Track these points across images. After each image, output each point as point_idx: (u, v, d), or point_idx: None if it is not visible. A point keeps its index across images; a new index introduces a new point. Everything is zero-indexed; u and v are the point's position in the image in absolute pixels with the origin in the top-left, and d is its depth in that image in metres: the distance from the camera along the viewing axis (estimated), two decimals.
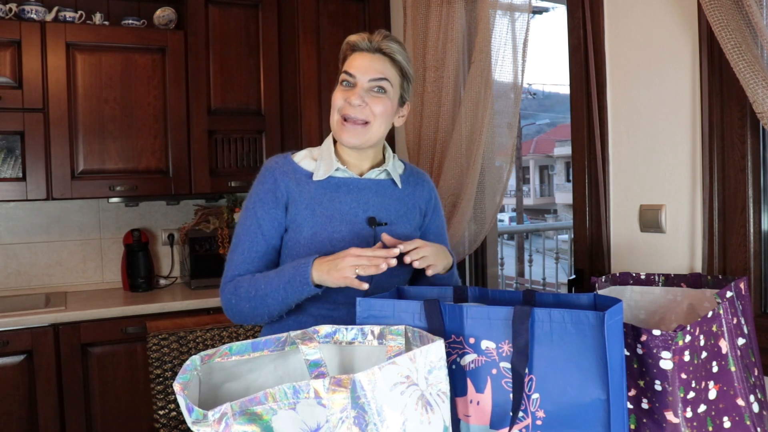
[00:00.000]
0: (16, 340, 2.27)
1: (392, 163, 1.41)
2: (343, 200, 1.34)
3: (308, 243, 1.31)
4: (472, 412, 0.95)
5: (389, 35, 1.34)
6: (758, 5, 1.21)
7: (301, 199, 1.33)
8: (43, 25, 2.48)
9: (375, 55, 1.32)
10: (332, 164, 1.34)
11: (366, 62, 1.31)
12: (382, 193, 1.38)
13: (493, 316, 0.93)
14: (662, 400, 0.93)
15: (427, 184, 1.48)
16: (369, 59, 1.32)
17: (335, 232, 1.31)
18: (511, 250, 12.55)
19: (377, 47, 1.32)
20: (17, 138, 2.49)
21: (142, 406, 2.45)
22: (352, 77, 1.31)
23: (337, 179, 1.35)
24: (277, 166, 1.37)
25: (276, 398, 0.75)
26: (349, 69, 1.32)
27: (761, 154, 1.39)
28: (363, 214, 1.34)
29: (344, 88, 1.33)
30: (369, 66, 1.31)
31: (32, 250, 2.80)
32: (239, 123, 2.78)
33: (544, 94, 26.68)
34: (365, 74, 1.31)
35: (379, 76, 1.31)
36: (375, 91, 1.31)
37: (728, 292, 1.02)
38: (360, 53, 1.33)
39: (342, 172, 1.36)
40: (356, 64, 1.32)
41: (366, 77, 1.31)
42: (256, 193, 1.35)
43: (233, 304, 1.30)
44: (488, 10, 2.06)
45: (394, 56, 1.34)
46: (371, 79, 1.31)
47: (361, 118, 1.30)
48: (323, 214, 1.33)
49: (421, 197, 1.45)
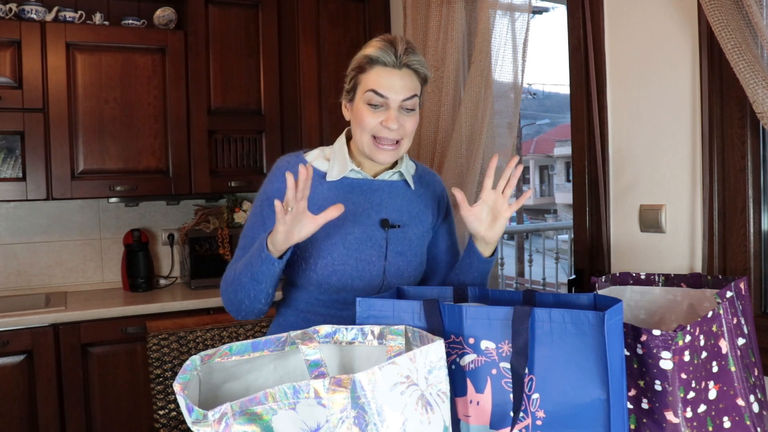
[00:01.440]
0: (16, 340, 2.27)
1: (405, 164, 1.39)
2: (356, 201, 1.32)
3: (321, 244, 1.30)
4: (472, 413, 0.95)
5: (410, 45, 1.27)
6: (758, 5, 1.21)
7: (314, 200, 1.31)
8: (43, 25, 2.48)
9: (402, 71, 1.25)
10: (347, 165, 1.32)
11: (396, 81, 1.24)
12: (396, 195, 1.37)
13: (493, 316, 0.93)
14: (662, 400, 0.93)
15: (439, 185, 1.47)
16: (399, 77, 1.24)
17: (348, 233, 1.31)
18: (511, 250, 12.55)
19: (404, 63, 1.25)
20: (17, 138, 2.49)
21: (142, 406, 2.45)
22: (383, 98, 1.24)
23: (350, 180, 1.34)
24: (288, 165, 1.35)
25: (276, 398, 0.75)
26: (379, 89, 1.24)
27: (761, 154, 1.39)
28: (376, 216, 1.33)
29: (374, 109, 1.25)
30: (400, 86, 1.24)
31: (32, 250, 2.80)
32: (239, 123, 2.78)
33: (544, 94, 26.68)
34: (398, 95, 1.24)
35: (411, 94, 1.26)
36: (407, 110, 1.27)
37: (728, 292, 1.02)
38: (385, 69, 1.25)
39: (356, 173, 1.34)
40: (386, 83, 1.24)
41: (399, 98, 1.24)
42: (265, 192, 1.34)
43: (223, 291, 1.30)
44: (488, 10, 2.06)
45: (419, 70, 1.28)
46: (405, 99, 1.25)
47: (395, 138, 1.26)
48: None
49: (433, 197, 1.43)
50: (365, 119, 1.26)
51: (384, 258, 1.32)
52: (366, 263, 1.31)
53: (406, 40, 1.27)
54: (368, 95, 1.25)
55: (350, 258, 1.30)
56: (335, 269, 1.30)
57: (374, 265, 1.31)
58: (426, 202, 1.41)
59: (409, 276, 1.35)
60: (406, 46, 1.25)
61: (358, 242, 1.31)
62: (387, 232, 1.33)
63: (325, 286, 1.31)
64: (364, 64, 1.27)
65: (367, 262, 1.31)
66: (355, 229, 1.31)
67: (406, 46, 1.25)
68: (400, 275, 1.34)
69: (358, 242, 1.31)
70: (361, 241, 1.31)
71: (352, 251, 1.30)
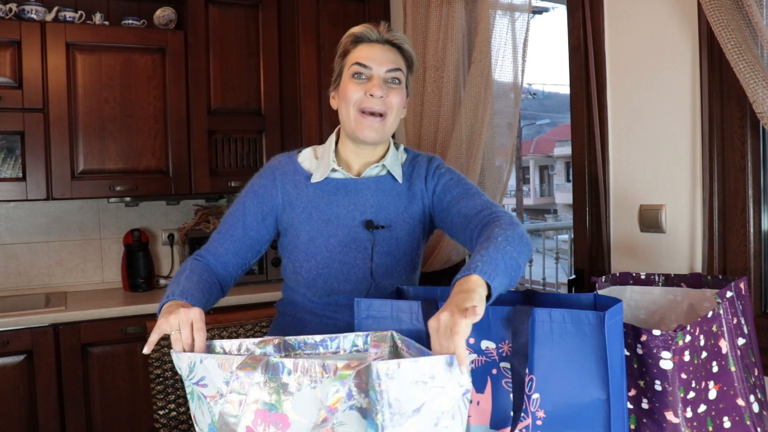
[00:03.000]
0: (16, 340, 2.27)
1: (391, 156, 1.34)
2: (340, 203, 1.31)
3: (306, 248, 1.30)
4: (473, 413, 0.95)
5: (393, 29, 1.31)
6: (758, 5, 1.21)
7: (299, 202, 1.32)
8: (43, 25, 2.48)
9: (385, 46, 1.28)
10: (329, 166, 1.32)
11: (379, 53, 1.27)
12: (382, 192, 1.33)
13: (493, 315, 0.93)
14: (662, 400, 0.92)
15: (423, 164, 1.37)
16: (381, 50, 1.27)
17: (331, 236, 1.30)
18: None
19: (386, 38, 1.28)
20: (17, 138, 2.49)
21: (142, 406, 2.45)
22: (367, 68, 1.26)
23: (335, 181, 1.33)
24: (279, 165, 1.36)
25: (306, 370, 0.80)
26: (363, 60, 1.26)
27: (761, 154, 1.39)
28: (360, 217, 1.31)
29: (358, 81, 1.26)
30: (383, 56, 1.27)
31: (32, 250, 2.80)
32: (239, 123, 2.78)
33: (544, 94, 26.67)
34: (381, 65, 1.26)
35: (395, 66, 1.27)
36: (391, 82, 1.27)
37: (728, 292, 1.02)
38: (368, 45, 1.27)
39: (339, 174, 1.33)
40: (369, 55, 1.26)
41: (382, 68, 1.26)
42: (252, 185, 1.36)
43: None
44: (488, 10, 2.06)
45: (403, 46, 1.30)
46: (388, 70, 1.26)
47: (380, 110, 1.26)
48: (320, 219, 1.31)
49: (418, 182, 1.35)
50: (349, 91, 1.26)
51: (370, 260, 1.30)
52: (351, 266, 1.29)
53: (388, 24, 1.31)
54: (353, 68, 1.27)
55: (334, 261, 1.29)
56: (320, 272, 1.29)
57: (360, 268, 1.30)
58: (412, 191, 1.34)
59: (400, 275, 1.33)
60: (388, 28, 1.29)
61: (342, 245, 1.29)
62: (372, 233, 1.31)
63: (314, 289, 1.31)
64: (348, 45, 1.30)
65: (352, 265, 1.29)
66: (338, 231, 1.30)
67: (388, 28, 1.29)
68: (389, 275, 1.32)
69: (342, 245, 1.29)
70: (344, 244, 1.29)
71: (335, 254, 1.29)
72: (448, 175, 1.34)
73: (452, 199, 1.29)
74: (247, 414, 0.81)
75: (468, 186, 1.31)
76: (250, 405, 0.82)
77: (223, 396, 0.86)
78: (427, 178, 1.35)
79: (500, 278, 0.94)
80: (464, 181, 1.33)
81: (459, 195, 1.28)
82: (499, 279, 0.94)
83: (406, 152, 1.41)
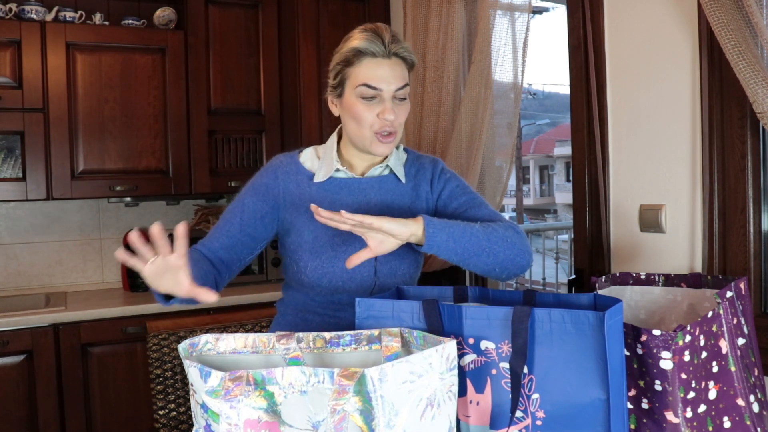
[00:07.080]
0: (16, 340, 2.27)
1: (394, 156, 1.35)
2: (344, 203, 1.31)
3: (310, 247, 1.30)
4: (472, 413, 0.95)
5: (394, 33, 1.26)
6: (758, 5, 1.21)
7: (301, 202, 1.31)
8: (43, 25, 2.48)
9: (392, 60, 1.23)
10: (332, 166, 1.32)
11: (387, 72, 1.22)
12: (385, 191, 1.34)
13: (492, 316, 0.93)
14: (662, 400, 0.92)
15: (428, 166, 1.39)
16: (389, 67, 1.23)
17: (335, 236, 1.30)
18: None
19: (393, 52, 1.23)
20: (17, 138, 2.49)
21: (142, 406, 2.45)
22: (376, 90, 1.22)
23: (338, 180, 1.33)
24: (281, 165, 1.36)
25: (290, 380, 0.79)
26: (372, 82, 1.22)
27: (761, 154, 1.39)
28: None
29: (368, 102, 1.23)
30: (392, 76, 1.23)
31: (32, 250, 2.80)
32: (239, 123, 2.78)
33: (544, 94, 26.69)
34: (390, 84, 1.22)
35: (403, 83, 1.25)
36: (400, 99, 1.25)
37: (728, 292, 1.01)
38: (374, 60, 1.22)
39: (342, 173, 1.33)
40: (377, 74, 1.22)
41: (392, 88, 1.22)
42: (252, 182, 1.36)
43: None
44: (488, 10, 2.06)
45: (408, 57, 1.27)
46: (398, 88, 1.24)
47: (392, 130, 1.25)
48: None
49: (423, 184, 1.36)
50: (361, 114, 1.24)
51: (374, 259, 1.30)
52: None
53: (389, 28, 1.26)
54: (360, 90, 1.23)
55: (339, 260, 1.29)
56: (325, 272, 1.29)
57: (364, 267, 1.29)
58: (417, 191, 1.36)
59: (404, 274, 1.34)
60: (391, 34, 1.24)
61: (346, 244, 1.29)
62: None
63: (317, 289, 1.31)
64: (351, 57, 1.24)
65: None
66: (342, 231, 1.28)
67: (391, 34, 1.24)
68: (393, 274, 1.32)
69: (346, 244, 1.29)
70: (349, 243, 1.29)
71: (340, 253, 1.29)
72: (454, 182, 1.37)
73: (459, 207, 1.33)
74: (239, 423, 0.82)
75: (473, 195, 1.36)
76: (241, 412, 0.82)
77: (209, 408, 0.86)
78: (433, 181, 1.37)
79: (444, 237, 1.13)
80: (469, 189, 1.37)
81: (465, 204, 1.33)
82: (442, 236, 1.13)
83: (406, 152, 1.42)
